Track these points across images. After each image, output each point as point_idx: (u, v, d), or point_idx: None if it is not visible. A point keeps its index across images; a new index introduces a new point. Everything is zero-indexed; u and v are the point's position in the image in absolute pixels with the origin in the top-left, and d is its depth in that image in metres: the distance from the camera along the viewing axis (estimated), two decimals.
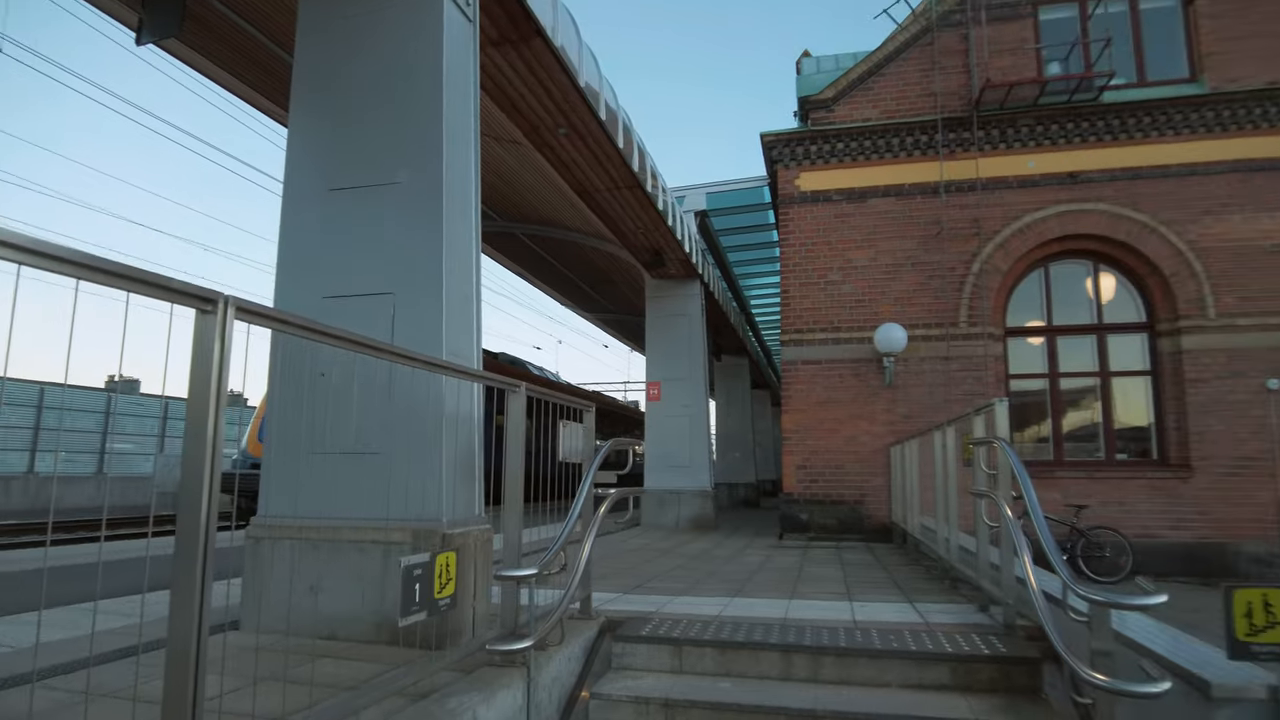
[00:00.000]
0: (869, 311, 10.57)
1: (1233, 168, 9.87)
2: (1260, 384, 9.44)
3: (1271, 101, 9.85)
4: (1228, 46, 10.21)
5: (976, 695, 3.71)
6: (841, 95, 11.16)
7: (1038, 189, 10.34)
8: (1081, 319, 10.48)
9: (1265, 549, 9.16)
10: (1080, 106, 10.24)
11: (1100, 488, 9.67)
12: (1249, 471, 9.38)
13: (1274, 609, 2.21)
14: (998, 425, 3.86)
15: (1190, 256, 9.79)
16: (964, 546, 5.38)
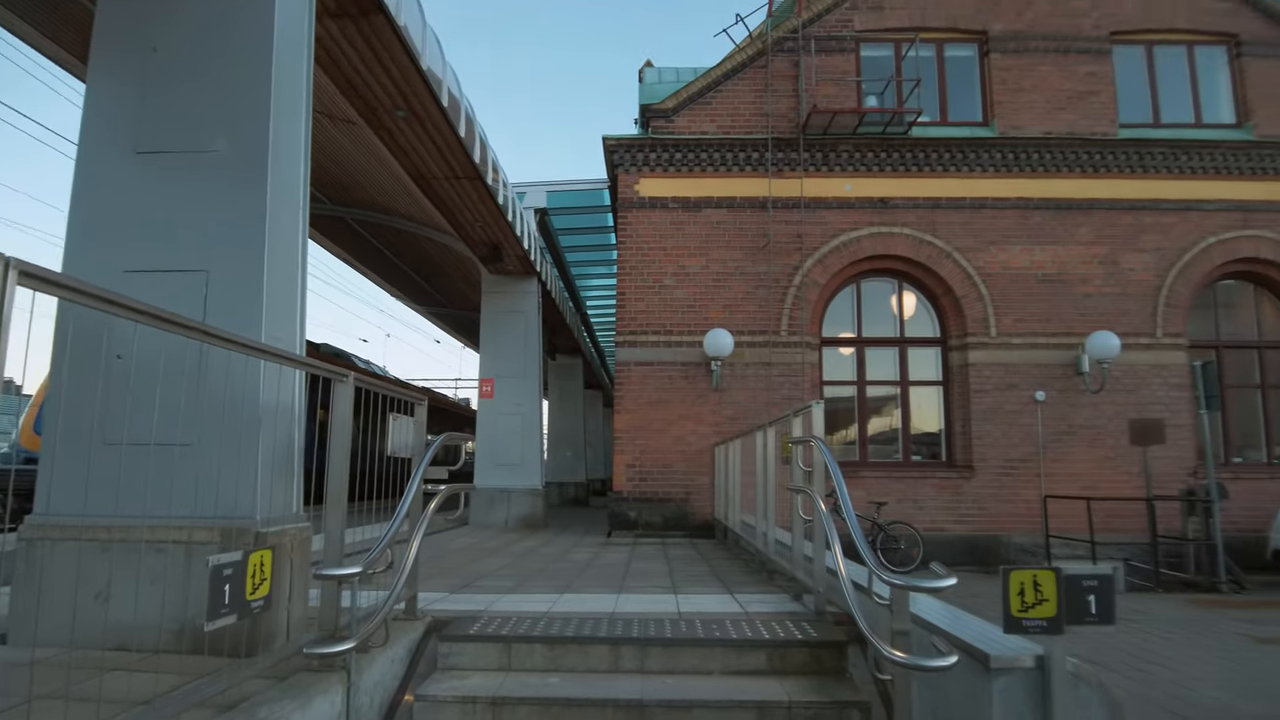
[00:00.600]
0: (699, 316, 10.97)
1: (1015, 204, 11.18)
2: (1030, 396, 10.74)
3: (1046, 149, 11.24)
4: (1014, 98, 11.55)
5: (790, 678, 3.96)
6: (681, 107, 11.52)
7: (853, 211, 11.18)
8: (886, 332, 11.46)
9: (1030, 540, 10.41)
10: (892, 139, 11.19)
11: (898, 486, 10.61)
12: (1019, 472, 10.64)
13: (1042, 588, 2.54)
14: (814, 425, 4.15)
15: (978, 281, 10.98)
16: (780, 540, 5.73)
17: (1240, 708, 4.60)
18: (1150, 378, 10.81)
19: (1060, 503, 10.20)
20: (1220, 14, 11.86)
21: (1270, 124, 11.55)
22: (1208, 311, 11.53)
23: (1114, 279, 11.01)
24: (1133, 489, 10.21)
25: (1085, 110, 11.45)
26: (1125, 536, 9.96)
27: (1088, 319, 10.83)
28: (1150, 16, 11.81)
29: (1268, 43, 11.79)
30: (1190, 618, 7.54)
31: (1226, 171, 11.30)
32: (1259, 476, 10.91)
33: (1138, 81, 11.86)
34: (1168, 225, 11.15)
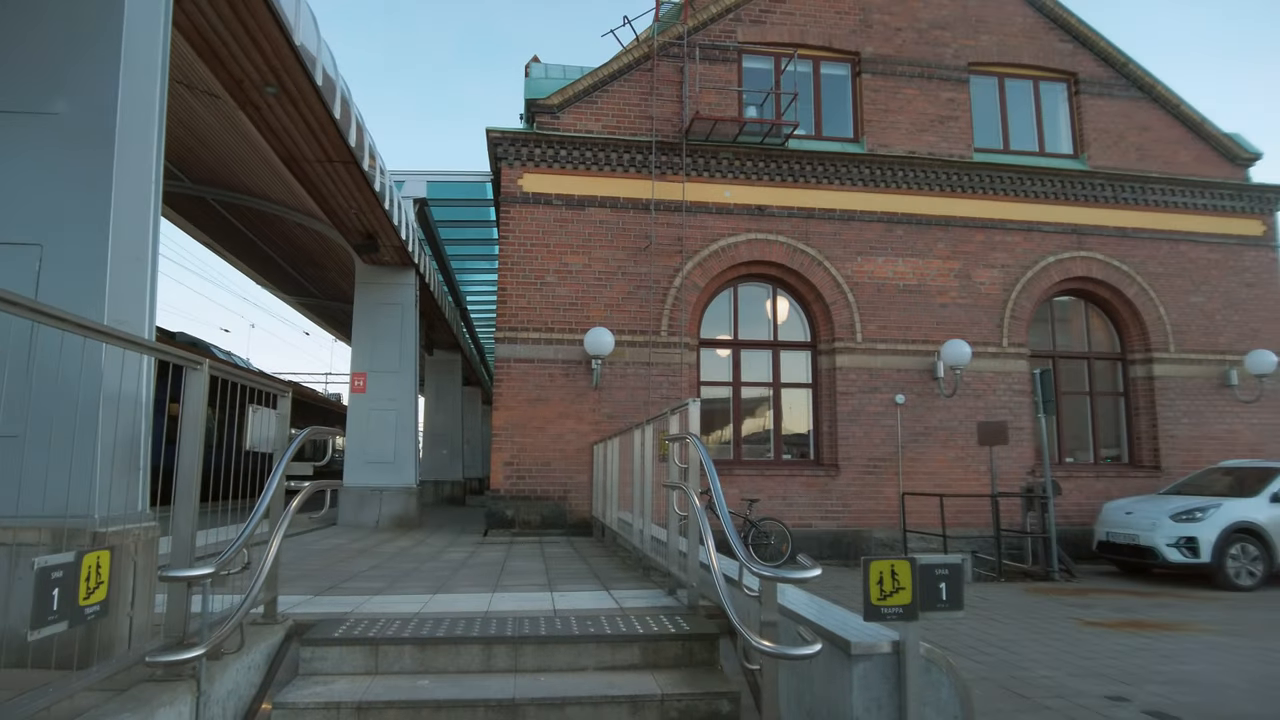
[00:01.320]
0: (581, 315, 10.97)
1: (881, 218, 11.82)
2: (891, 399, 11.38)
3: (910, 168, 11.95)
4: (882, 117, 12.22)
5: (664, 671, 4.01)
6: (568, 104, 11.48)
7: (733, 217, 11.49)
8: (761, 335, 11.86)
9: (890, 534, 11.03)
10: (770, 149, 11.59)
11: (769, 484, 10.99)
12: (880, 471, 11.26)
13: (899, 577, 2.69)
14: (691, 423, 4.24)
15: (846, 289, 11.54)
16: (656, 536, 5.80)
17: (1069, 684, 5.04)
18: (996, 384, 11.71)
19: (917, 499, 10.88)
20: (1063, 54, 12.99)
21: (1102, 156, 12.76)
22: (1046, 324, 12.61)
23: (967, 292, 11.85)
24: (980, 486, 11.02)
25: (945, 134, 12.27)
26: (973, 530, 10.75)
27: (943, 328, 11.61)
28: (1003, 51, 12.79)
29: (1102, 83, 13.03)
30: (1027, 604, 8.20)
31: (1064, 197, 12.40)
32: (1087, 475, 12.02)
33: (991, 110, 12.82)
34: (1013, 244, 12.11)
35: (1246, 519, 9.36)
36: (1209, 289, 12.64)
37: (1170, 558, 9.44)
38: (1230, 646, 6.24)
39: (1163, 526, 9.58)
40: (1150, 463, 12.19)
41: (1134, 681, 5.12)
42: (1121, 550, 10.17)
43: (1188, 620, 7.36)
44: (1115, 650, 6.07)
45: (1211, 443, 12.22)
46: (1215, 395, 12.39)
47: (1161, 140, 13.04)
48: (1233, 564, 9.24)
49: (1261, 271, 12.90)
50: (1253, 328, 12.64)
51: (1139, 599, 8.56)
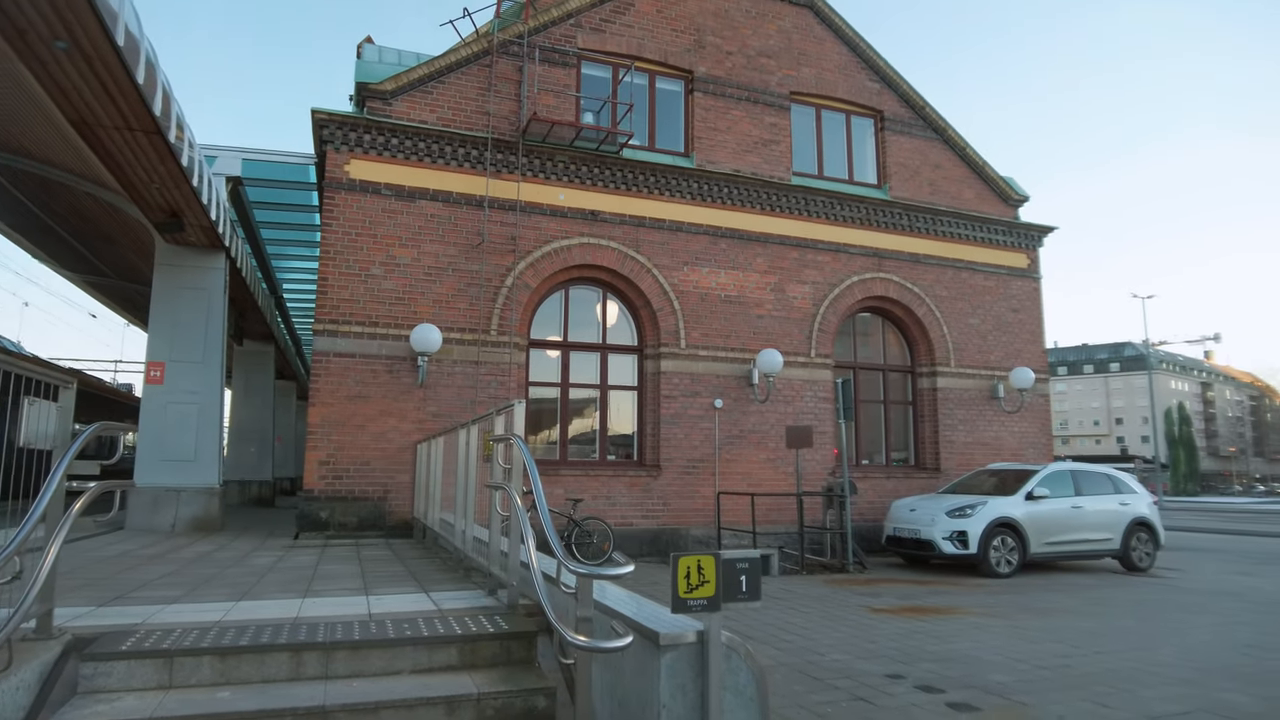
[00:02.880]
0: (408, 310, 10.69)
1: (707, 231, 12.41)
2: (710, 403, 11.98)
3: (735, 185, 12.64)
4: (711, 135, 12.84)
5: (481, 671, 4.06)
6: (401, 91, 11.15)
7: (567, 220, 11.64)
8: (590, 338, 12.09)
9: (705, 532, 11.60)
10: (605, 156, 11.85)
11: (593, 484, 11.23)
12: (698, 471, 11.82)
13: (704, 571, 2.92)
14: (515, 424, 4.31)
15: (673, 296, 12.02)
16: (479, 537, 5.81)
17: (856, 666, 5.60)
18: (804, 391, 12.65)
19: (731, 498, 11.54)
20: (872, 92, 14.26)
21: (901, 188, 14.13)
22: (849, 338, 13.79)
23: (781, 305, 12.71)
24: (788, 486, 11.85)
25: (767, 156, 13.10)
26: (781, 527, 11.55)
27: (759, 337, 12.39)
28: (821, 84, 13.84)
29: (903, 122, 14.42)
30: (825, 594, 8.95)
31: (868, 223, 13.61)
32: (880, 476, 13.26)
33: (809, 138, 13.84)
34: (823, 263, 13.14)
35: (1006, 515, 10.71)
36: (984, 312, 14.35)
37: (945, 550, 10.61)
38: (988, 626, 7.15)
39: (940, 522, 10.75)
40: (932, 465, 13.64)
41: (911, 661, 5.77)
42: (906, 544, 11.30)
43: (957, 605, 8.34)
44: (897, 633, 6.79)
45: (982, 448, 13.87)
46: (985, 406, 14.08)
47: (951, 178, 14.64)
48: (994, 554, 10.53)
49: (1026, 299, 14.83)
50: (1017, 348, 14.49)
51: (919, 587, 9.57)
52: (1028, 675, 5.37)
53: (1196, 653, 6.19)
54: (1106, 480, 11.92)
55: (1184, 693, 4.98)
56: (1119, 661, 5.82)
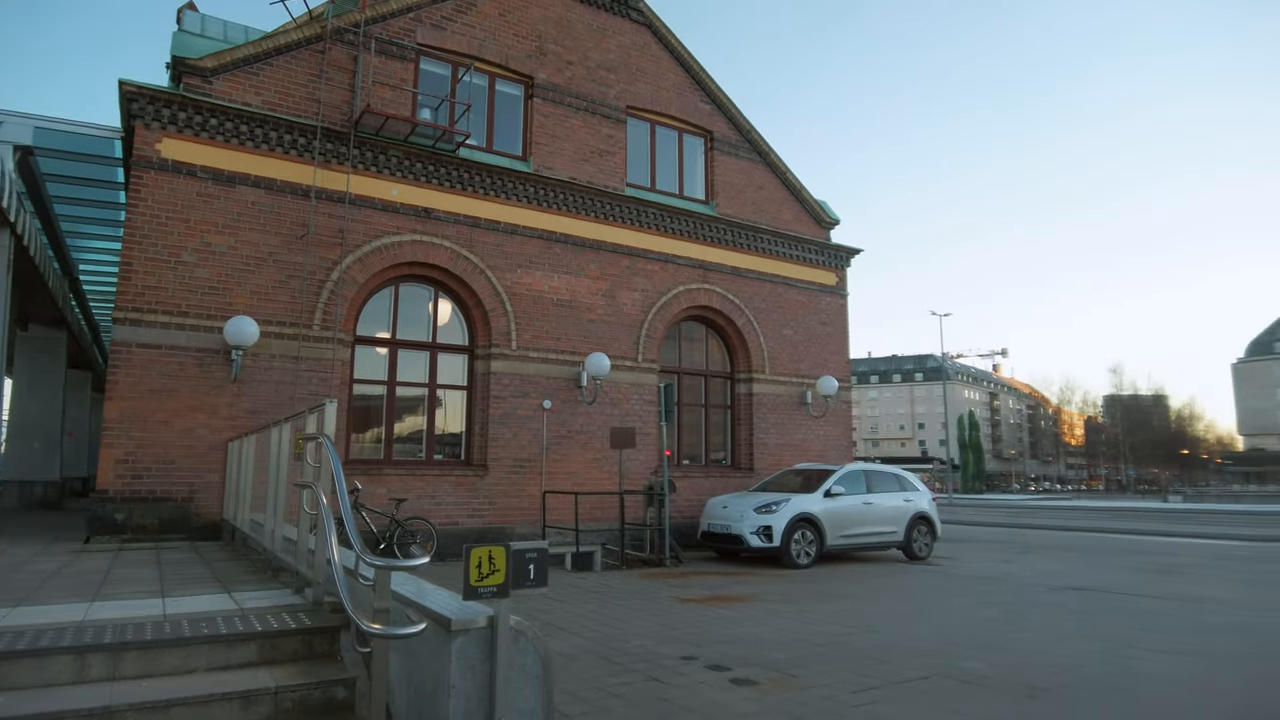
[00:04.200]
0: (222, 301, 10.19)
1: (541, 235, 12.68)
2: (539, 404, 12.25)
3: (571, 192, 12.99)
4: (549, 142, 13.12)
5: (281, 666, 4.11)
6: (224, 70, 10.60)
7: (399, 215, 11.52)
8: (420, 336, 12.02)
9: (531, 530, 11.84)
10: (441, 154, 11.83)
11: (419, 484, 11.18)
12: (525, 471, 12.04)
13: (495, 561, 3.20)
14: (326, 423, 4.39)
15: (505, 298, 12.19)
16: (288, 536, 5.77)
17: (656, 650, 6.06)
18: (631, 394, 13.21)
19: (557, 497, 11.86)
20: (703, 113, 15.09)
21: (727, 205, 15.06)
22: (674, 344, 14.52)
23: (611, 310, 13.20)
24: (613, 485, 12.32)
25: (603, 166, 13.56)
26: (604, 524, 11.99)
27: (589, 341, 12.82)
28: (656, 101, 14.49)
29: (731, 143, 15.37)
30: (640, 587, 9.45)
31: (695, 236, 14.41)
32: (699, 475, 14.06)
33: (643, 151, 14.45)
34: (652, 272, 13.78)
35: (807, 511, 11.72)
36: (796, 324, 15.57)
37: (753, 544, 11.47)
38: (780, 612, 7.89)
39: (748, 518, 11.61)
40: (747, 465, 14.63)
41: (705, 644, 6.31)
42: (718, 538, 12.10)
43: (757, 593, 9.08)
44: (699, 620, 7.36)
45: (791, 449, 15.03)
46: (795, 411, 15.28)
47: (772, 199, 15.76)
48: (795, 547, 11.50)
49: (834, 314, 16.22)
50: (824, 358, 15.83)
51: (726, 579, 10.31)
52: (805, 652, 6.03)
53: (950, 629, 7.16)
54: (894, 479, 13.31)
55: (932, 662, 5.79)
56: (885, 638, 6.64)
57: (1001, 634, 6.91)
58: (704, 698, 4.78)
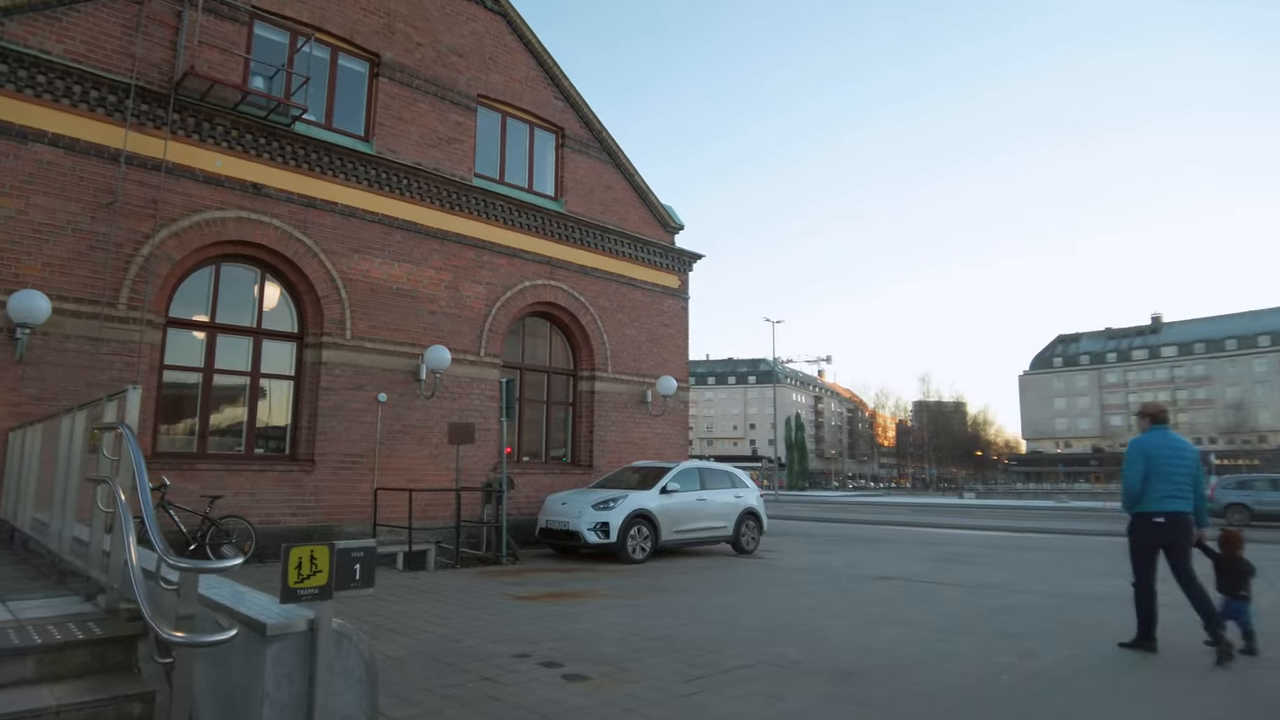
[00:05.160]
0: (7, 271, 9.03)
1: (382, 220, 12.17)
2: (374, 396, 11.76)
3: (416, 178, 12.55)
4: (395, 124, 12.61)
5: (66, 683, 3.70)
6: (20, 11, 9.37)
7: (223, 189, 10.67)
8: (243, 321, 11.20)
9: (361, 528, 11.33)
10: (274, 127, 11.07)
11: (237, 480, 10.42)
12: (357, 466, 11.52)
13: (318, 561, 3.04)
14: (128, 411, 3.99)
15: (340, 284, 11.60)
16: (79, 538, 5.20)
17: (489, 649, 5.98)
18: (472, 388, 12.96)
19: (390, 494, 11.43)
20: (556, 110, 15.06)
21: (576, 203, 15.11)
22: (518, 339, 14.40)
23: (454, 302, 12.89)
24: (450, 481, 12.03)
25: (451, 153, 13.21)
26: (440, 522, 11.69)
27: (429, 333, 12.44)
28: (508, 92, 14.30)
29: (582, 142, 15.44)
30: (474, 586, 9.30)
31: (544, 232, 14.35)
32: (538, 472, 14.02)
33: (493, 142, 14.21)
34: (499, 265, 13.59)
35: (644, 507, 11.98)
36: (639, 325, 15.88)
37: (590, 540, 11.58)
38: (614, 607, 8.02)
39: (587, 515, 11.71)
40: (587, 462, 14.76)
41: (540, 641, 6.31)
42: (557, 535, 12.12)
43: (592, 589, 9.19)
44: (533, 618, 7.34)
45: (630, 446, 15.32)
46: (635, 409, 15.58)
47: (620, 200, 15.98)
48: (631, 542, 11.73)
49: (675, 316, 16.69)
50: (664, 358, 16.26)
51: (563, 575, 10.35)
52: (638, 645, 6.18)
53: (771, 617, 7.56)
54: (726, 476, 13.90)
55: (755, 650, 6.09)
56: (713, 629, 6.92)
57: (817, 621, 7.38)
58: (536, 695, 4.79)
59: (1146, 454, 6.31)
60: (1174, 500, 6.21)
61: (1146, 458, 6.29)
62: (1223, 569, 6.29)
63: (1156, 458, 6.27)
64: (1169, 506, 6.20)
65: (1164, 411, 6.67)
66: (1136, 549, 6.41)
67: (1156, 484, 6.25)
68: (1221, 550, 6.37)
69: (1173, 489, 6.22)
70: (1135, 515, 6.41)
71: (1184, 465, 6.28)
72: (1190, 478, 6.30)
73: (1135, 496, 6.36)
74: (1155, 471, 6.25)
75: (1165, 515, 6.20)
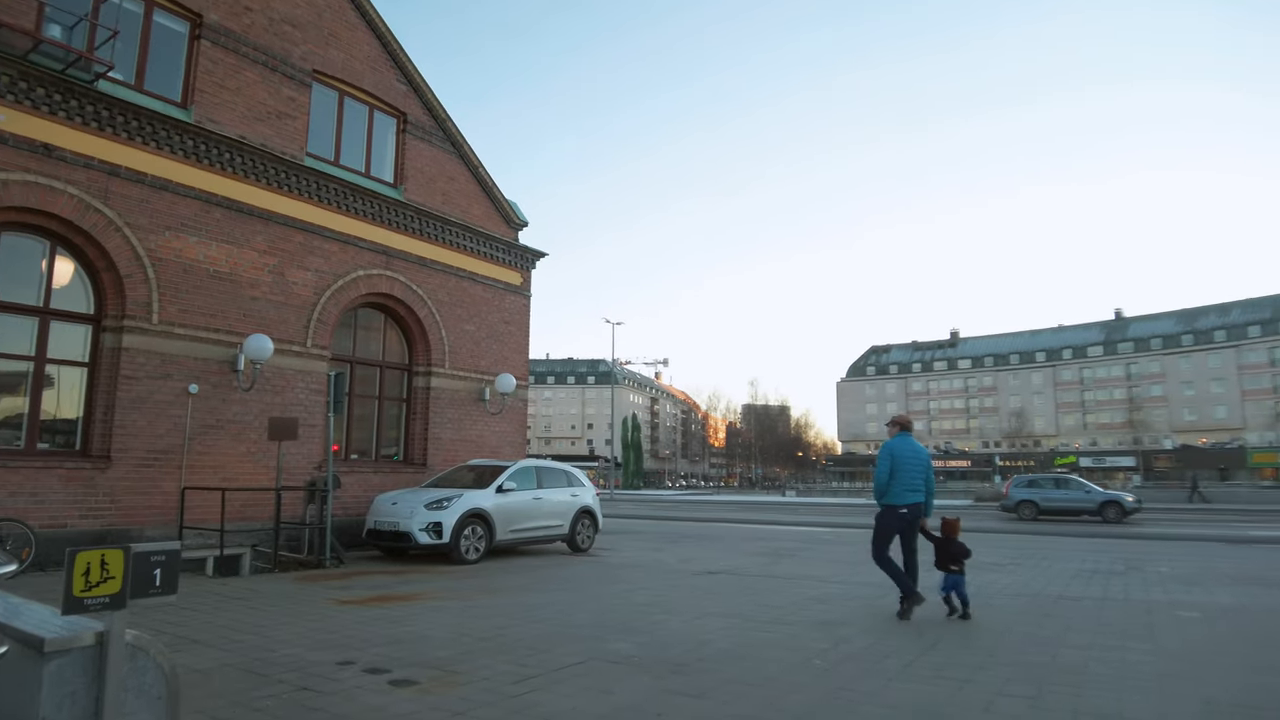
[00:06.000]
0: None
1: (200, 196, 11.17)
2: (184, 387, 10.77)
3: (240, 153, 11.62)
4: (218, 93, 11.62)
5: None
6: None
7: (7, 149, 9.40)
8: (27, 299, 9.92)
9: (164, 531, 10.34)
10: (74, 83, 9.89)
11: (16, 478, 9.22)
12: (161, 464, 10.51)
13: (110, 567, 2.74)
14: None
15: (148, 263, 10.53)
16: None
17: (308, 657, 5.64)
18: (296, 381, 12.17)
19: (200, 494, 10.51)
20: (399, 94, 14.46)
21: (416, 191, 14.59)
22: (349, 330, 13.70)
23: (279, 289, 12.05)
24: (270, 480, 11.24)
25: (281, 129, 12.35)
26: (257, 524, 10.90)
27: (250, 320, 11.55)
28: (348, 71, 13.58)
29: (425, 129, 14.93)
30: (293, 591, 8.75)
31: (380, 220, 13.74)
32: (368, 470, 13.40)
33: (329, 121, 13.42)
34: (330, 252, 12.85)
35: (479, 506, 11.75)
36: (479, 321, 15.58)
37: (422, 540, 11.21)
38: (446, 608, 7.81)
39: (418, 515, 11.33)
40: (420, 460, 14.28)
41: (365, 646, 6.03)
42: (386, 536, 11.64)
43: (423, 591, 8.90)
44: (358, 622, 7.01)
45: (467, 445, 14.99)
46: (473, 407, 15.27)
47: (463, 192, 15.60)
48: (465, 542, 11.47)
49: (517, 313, 16.52)
50: (504, 355, 16.04)
51: (392, 577, 9.96)
52: (469, 647, 6.05)
53: (604, 614, 7.65)
54: (563, 475, 13.93)
55: (588, 647, 6.13)
56: (546, 628, 6.90)
57: (649, 616, 7.56)
58: (360, 702, 4.58)
59: (893, 455, 7.54)
60: (912, 494, 7.53)
61: (893, 458, 7.53)
62: (942, 549, 7.57)
63: (900, 458, 7.52)
64: (909, 499, 7.52)
65: (910, 421, 8.04)
66: (883, 532, 7.64)
67: (900, 480, 7.50)
68: (942, 534, 7.67)
69: (912, 484, 7.52)
70: (884, 506, 7.64)
71: (919, 465, 7.58)
72: (924, 475, 7.61)
73: (883, 490, 7.59)
74: (899, 470, 7.49)
75: (908, 507, 7.54)
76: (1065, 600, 8.75)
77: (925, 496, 7.63)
